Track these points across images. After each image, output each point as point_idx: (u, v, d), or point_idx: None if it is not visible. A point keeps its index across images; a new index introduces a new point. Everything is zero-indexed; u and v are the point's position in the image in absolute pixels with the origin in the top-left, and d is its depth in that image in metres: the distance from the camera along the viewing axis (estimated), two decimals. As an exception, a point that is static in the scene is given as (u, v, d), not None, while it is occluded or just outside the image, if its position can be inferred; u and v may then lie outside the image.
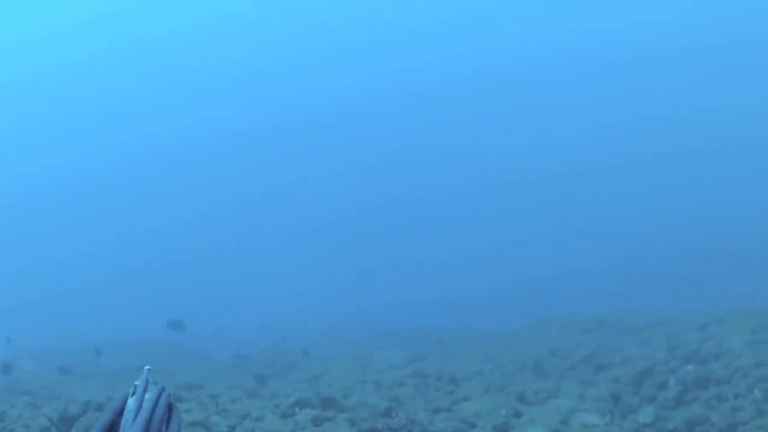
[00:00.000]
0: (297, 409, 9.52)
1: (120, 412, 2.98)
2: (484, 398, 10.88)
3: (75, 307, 33.21)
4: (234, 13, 61.08)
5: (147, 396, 3.00)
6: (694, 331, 15.42)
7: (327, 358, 15.88)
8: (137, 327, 24.18)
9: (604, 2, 55.71)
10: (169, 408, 3.05)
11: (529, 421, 9.65)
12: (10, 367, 13.90)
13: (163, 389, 3.10)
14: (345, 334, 21.99)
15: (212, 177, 51.45)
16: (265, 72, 59.17)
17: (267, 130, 54.79)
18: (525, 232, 37.16)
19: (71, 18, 60.80)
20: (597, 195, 40.51)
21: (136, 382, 3.10)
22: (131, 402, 2.97)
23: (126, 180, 52.26)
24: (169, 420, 3.12)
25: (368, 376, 12.68)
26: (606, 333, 18.05)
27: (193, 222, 47.21)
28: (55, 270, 41.13)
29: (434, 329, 20.68)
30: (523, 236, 36.66)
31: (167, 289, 36.06)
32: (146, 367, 3.21)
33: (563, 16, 56.11)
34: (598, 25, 54.59)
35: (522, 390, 11.60)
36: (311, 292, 32.39)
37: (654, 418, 10.32)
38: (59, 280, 39.14)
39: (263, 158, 52.91)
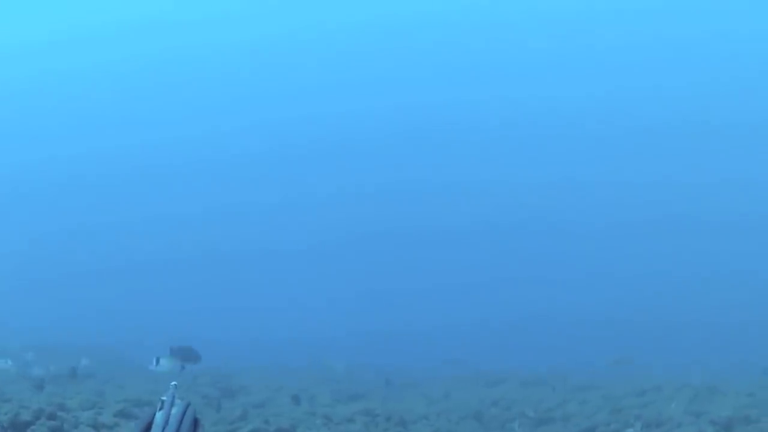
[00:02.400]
0: (252, 438, 9.50)
1: (148, 427, 3.10)
2: (433, 444, 11.02)
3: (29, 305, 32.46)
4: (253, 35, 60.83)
5: (173, 411, 3.13)
6: (633, 395, 15.79)
7: (276, 384, 15.80)
8: (88, 330, 23.72)
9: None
10: (195, 423, 3.18)
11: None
12: None
13: (188, 404, 3.24)
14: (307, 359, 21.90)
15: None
16: (295, 91, 58.61)
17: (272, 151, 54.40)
18: (482, 277, 37.59)
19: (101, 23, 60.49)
20: (553, 251, 41.20)
21: (163, 397, 3.23)
22: (159, 416, 3.10)
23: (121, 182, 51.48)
24: (194, 434, 3.24)
25: (317, 408, 12.70)
26: (545, 388, 18.37)
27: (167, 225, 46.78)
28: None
29: (382, 366, 20.76)
30: (480, 280, 37.09)
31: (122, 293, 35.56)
32: (173, 383, 3.34)
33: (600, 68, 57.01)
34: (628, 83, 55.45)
35: (469, 439, 11.76)
36: (277, 312, 32.23)
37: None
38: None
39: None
